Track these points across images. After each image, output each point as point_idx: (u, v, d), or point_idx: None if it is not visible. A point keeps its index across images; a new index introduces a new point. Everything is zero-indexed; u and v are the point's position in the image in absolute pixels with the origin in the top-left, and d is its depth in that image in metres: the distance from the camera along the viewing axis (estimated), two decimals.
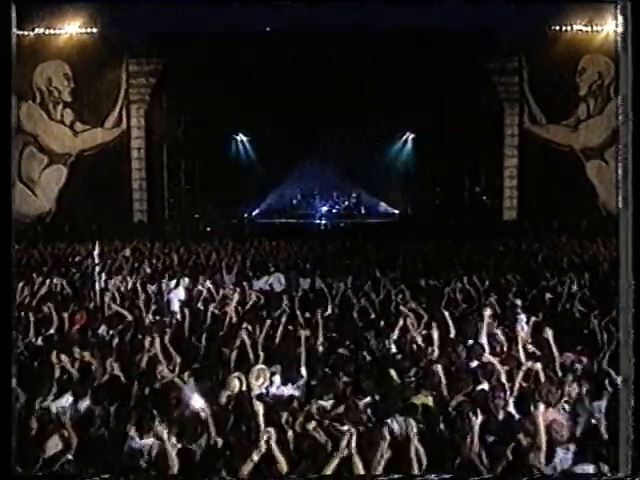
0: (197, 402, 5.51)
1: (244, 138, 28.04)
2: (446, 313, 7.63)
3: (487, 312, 7.40)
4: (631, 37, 2.27)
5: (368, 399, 5.59)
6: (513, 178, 22.78)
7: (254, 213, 28.45)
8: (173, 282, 10.78)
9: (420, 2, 11.98)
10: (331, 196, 29.01)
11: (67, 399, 5.77)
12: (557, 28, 21.19)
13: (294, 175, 28.61)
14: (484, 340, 7.02)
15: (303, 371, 6.22)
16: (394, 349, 7.05)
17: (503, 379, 6.04)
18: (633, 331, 2.55)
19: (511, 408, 5.63)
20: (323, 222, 26.72)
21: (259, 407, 4.84)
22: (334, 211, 28.32)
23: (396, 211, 28.91)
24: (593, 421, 5.39)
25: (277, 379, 6.14)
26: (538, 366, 6.07)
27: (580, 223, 19.85)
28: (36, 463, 4.54)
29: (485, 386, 5.95)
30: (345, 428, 4.69)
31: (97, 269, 11.70)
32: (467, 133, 22.92)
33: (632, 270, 2.46)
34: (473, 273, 10.56)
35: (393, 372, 6.12)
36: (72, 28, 21.03)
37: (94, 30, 21.15)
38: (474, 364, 6.57)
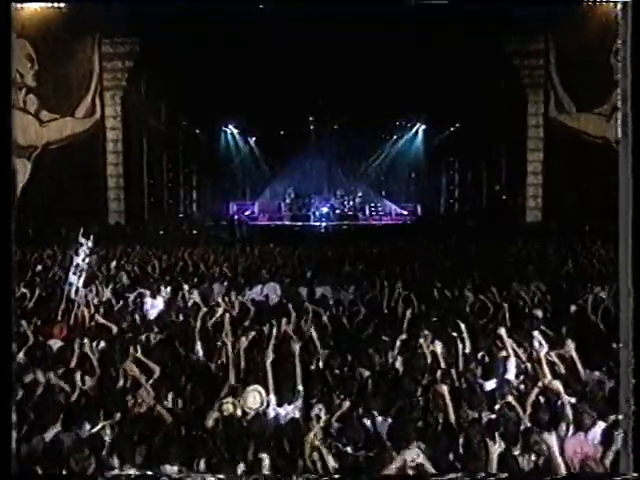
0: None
1: (234, 130, 28.17)
2: (460, 327, 7.81)
3: (503, 329, 7.57)
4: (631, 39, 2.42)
5: (370, 420, 5.80)
6: (537, 174, 22.91)
7: (246, 214, 28.61)
8: (154, 292, 10.95)
9: None
10: (333, 195, 29.09)
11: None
12: (589, 2, 20.90)
13: (291, 172, 28.70)
14: (501, 357, 7.20)
15: (300, 390, 6.43)
16: (399, 366, 7.25)
17: (521, 400, 6.22)
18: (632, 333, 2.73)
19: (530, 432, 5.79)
20: (323, 224, 26.88)
21: (252, 429, 5.04)
22: (336, 212, 28.37)
23: (405, 212, 29.09)
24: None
25: (273, 399, 6.34)
26: (560, 386, 6.25)
27: (615, 226, 19.76)
28: None
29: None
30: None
31: (66, 278, 11.85)
32: (485, 124, 23.04)
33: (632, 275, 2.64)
34: (491, 282, 10.77)
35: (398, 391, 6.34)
36: (35, 2, 20.89)
37: (61, 5, 20.90)
38: (490, 384, 6.76)
